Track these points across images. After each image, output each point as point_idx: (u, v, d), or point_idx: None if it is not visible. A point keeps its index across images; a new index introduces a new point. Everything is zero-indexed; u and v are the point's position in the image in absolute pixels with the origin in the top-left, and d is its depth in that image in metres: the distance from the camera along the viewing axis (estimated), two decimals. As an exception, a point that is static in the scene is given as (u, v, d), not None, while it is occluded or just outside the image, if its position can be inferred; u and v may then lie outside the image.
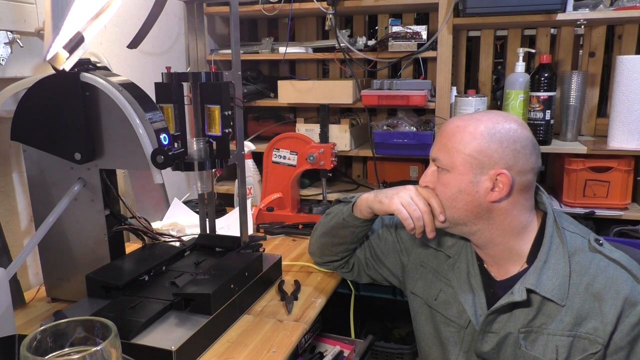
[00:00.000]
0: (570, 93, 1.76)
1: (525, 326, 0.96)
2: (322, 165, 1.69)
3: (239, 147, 1.26)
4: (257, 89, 2.04)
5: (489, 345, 0.99)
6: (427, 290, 1.11)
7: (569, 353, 0.92)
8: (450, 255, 1.08)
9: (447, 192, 0.97)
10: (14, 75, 1.17)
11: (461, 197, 0.96)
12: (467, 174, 0.95)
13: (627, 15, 1.60)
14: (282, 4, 1.83)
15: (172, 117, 1.13)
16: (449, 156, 0.96)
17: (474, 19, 1.68)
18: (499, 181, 0.93)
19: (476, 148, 0.94)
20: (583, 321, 0.92)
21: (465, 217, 0.97)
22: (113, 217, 1.17)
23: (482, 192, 0.94)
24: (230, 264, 1.15)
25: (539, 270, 0.94)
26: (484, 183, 0.94)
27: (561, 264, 0.94)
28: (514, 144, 0.93)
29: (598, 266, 0.94)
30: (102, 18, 1.07)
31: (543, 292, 0.93)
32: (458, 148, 0.95)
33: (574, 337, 0.92)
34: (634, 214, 1.66)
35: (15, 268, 1.00)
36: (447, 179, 0.97)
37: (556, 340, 0.93)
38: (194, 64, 1.26)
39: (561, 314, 0.93)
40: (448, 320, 1.06)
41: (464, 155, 0.94)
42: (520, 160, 0.94)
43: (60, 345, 0.70)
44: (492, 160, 0.93)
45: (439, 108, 1.79)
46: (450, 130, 0.98)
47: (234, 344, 1.02)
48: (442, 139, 0.99)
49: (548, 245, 0.96)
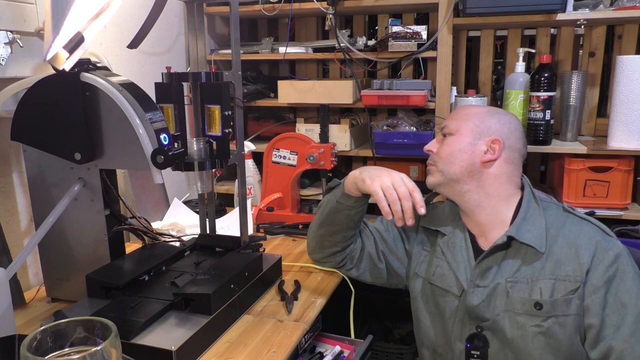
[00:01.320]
0: (570, 93, 1.76)
1: (512, 276, 1.09)
2: (322, 165, 1.69)
3: (239, 147, 1.26)
4: (257, 89, 2.04)
5: (478, 299, 1.10)
6: (426, 269, 1.22)
7: (552, 292, 1.05)
8: (446, 233, 1.21)
9: (449, 149, 1.16)
10: (14, 75, 1.17)
11: (459, 155, 1.14)
12: (468, 136, 1.15)
13: (627, 15, 1.60)
14: (282, 4, 1.83)
15: (172, 117, 1.13)
16: (456, 123, 1.17)
17: (474, 19, 1.68)
18: (492, 147, 1.13)
19: (479, 119, 1.16)
20: (562, 265, 1.06)
21: (460, 174, 1.14)
22: (113, 217, 1.17)
23: (477, 153, 1.13)
24: (230, 264, 1.15)
25: (518, 225, 1.10)
26: (481, 146, 1.14)
27: (538, 219, 1.11)
28: (509, 124, 1.17)
29: (572, 222, 1.11)
30: (102, 18, 1.07)
31: (522, 239, 1.08)
32: (464, 118, 1.18)
33: (555, 279, 1.06)
34: (634, 214, 1.66)
35: (15, 268, 1.00)
36: (451, 140, 1.16)
37: (540, 284, 1.06)
38: (194, 64, 1.27)
39: (542, 260, 1.07)
40: (444, 291, 1.17)
41: (469, 123, 1.16)
42: (512, 137, 1.15)
43: (60, 345, 0.70)
44: (490, 130, 1.15)
45: (439, 108, 1.79)
46: (462, 108, 1.25)
47: (234, 344, 1.02)
48: (453, 113, 1.23)
49: (526, 207, 1.13)
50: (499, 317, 1.08)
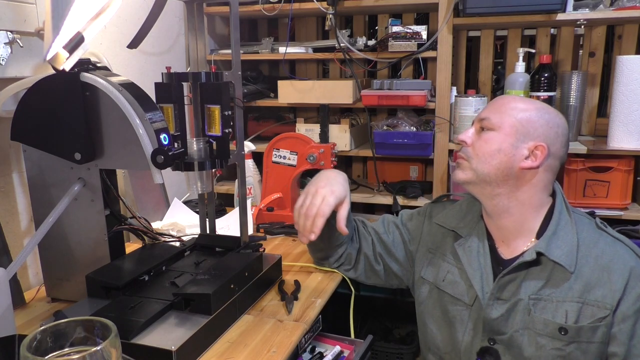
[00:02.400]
0: (570, 93, 1.76)
1: (535, 293, 1.01)
2: (322, 165, 1.69)
3: (239, 147, 1.26)
4: (257, 89, 2.04)
5: (497, 312, 1.03)
6: (435, 274, 1.16)
7: (578, 318, 0.98)
8: (462, 235, 1.13)
9: (487, 147, 1.05)
10: (14, 75, 1.17)
11: (498, 156, 1.03)
12: (511, 136, 1.03)
13: (627, 15, 1.60)
14: (282, 4, 1.83)
15: (172, 117, 1.13)
16: (500, 117, 1.05)
17: (474, 19, 1.68)
18: (536, 152, 1.02)
19: (527, 118, 1.04)
20: (592, 289, 0.98)
21: (494, 176, 1.04)
22: (113, 217, 1.17)
23: (517, 157, 1.03)
24: (230, 264, 1.15)
25: (548, 239, 1.02)
26: (522, 150, 1.03)
27: (569, 235, 1.02)
28: (557, 128, 1.04)
29: (605, 242, 1.02)
30: (102, 18, 1.07)
31: (552, 256, 1.00)
32: (511, 113, 1.05)
33: (582, 303, 0.98)
34: (634, 214, 1.66)
35: (15, 268, 1.00)
36: (491, 136, 1.05)
37: (566, 306, 0.99)
38: (194, 64, 1.26)
39: (570, 281, 0.99)
40: (455, 299, 1.11)
41: (514, 120, 1.04)
42: (558, 143, 1.04)
43: (60, 345, 0.69)
44: (536, 133, 1.03)
45: (439, 108, 1.79)
46: (506, 100, 1.08)
47: (234, 344, 1.02)
48: (496, 105, 1.08)
49: (557, 219, 1.04)
50: (517, 333, 1.02)
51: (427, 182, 1.97)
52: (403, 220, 1.29)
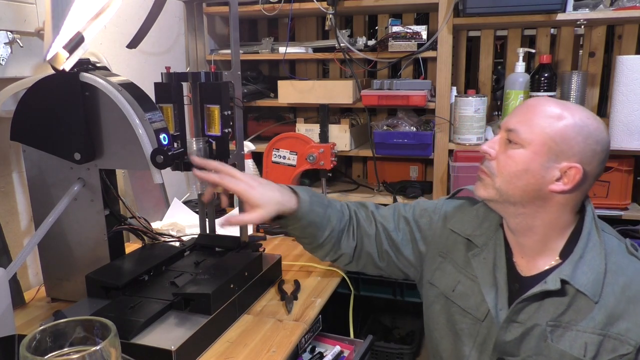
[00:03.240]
0: (570, 93, 1.76)
1: (554, 320, 0.92)
2: (322, 165, 1.69)
3: (239, 147, 1.26)
4: (257, 89, 2.04)
5: (512, 335, 0.95)
6: (444, 282, 1.07)
7: (598, 351, 0.89)
8: (477, 245, 1.04)
9: (513, 167, 0.93)
10: (14, 75, 1.17)
11: (525, 177, 0.92)
12: (541, 155, 0.90)
13: (627, 15, 1.60)
14: (282, 4, 1.83)
15: (172, 117, 1.13)
16: (530, 131, 0.91)
17: (474, 19, 1.68)
18: (569, 174, 0.90)
19: (562, 133, 0.89)
20: (616, 321, 0.89)
21: (519, 197, 0.94)
22: (113, 217, 1.17)
23: (547, 179, 0.91)
24: (230, 264, 1.15)
25: (575, 264, 0.92)
26: (553, 171, 0.90)
27: (597, 260, 0.92)
28: (597, 145, 0.90)
29: (635, 270, 0.92)
30: (102, 18, 1.07)
31: (577, 285, 0.90)
32: (543, 126, 0.90)
33: (604, 336, 0.89)
34: (634, 214, 1.66)
35: (15, 268, 1.00)
36: (518, 155, 0.92)
37: (585, 337, 0.90)
38: (194, 64, 1.27)
39: (593, 311, 0.90)
40: (464, 312, 1.03)
41: (547, 136, 0.90)
42: (595, 162, 0.91)
43: (59, 345, 0.70)
44: (572, 151, 0.89)
45: (439, 108, 1.79)
46: (540, 107, 0.92)
47: (234, 344, 1.02)
48: (527, 113, 0.93)
49: (585, 241, 0.93)
50: (530, 358, 0.95)
51: (427, 182, 1.97)
52: (415, 216, 1.17)
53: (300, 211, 1.08)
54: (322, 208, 1.13)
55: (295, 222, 1.10)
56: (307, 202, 1.09)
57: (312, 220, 1.10)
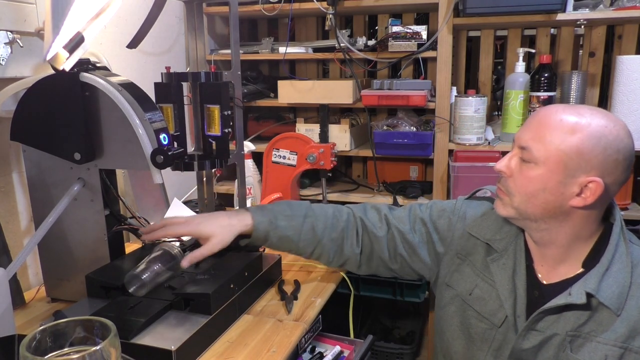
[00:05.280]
0: (570, 93, 1.76)
1: (574, 330, 0.90)
2: (322, 165, 1.69)
3: (239, 147, 1.26)
4: (257, 89, 2.04)
5: (530, 343, 0.93)
6: (462, 284, 1.05)
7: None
8: (497, 250, 1.01)
9: (530, 186, 0.90)
10: (14, 75, 1.17)
11: (543, 196, 0.89)
12: (558, 173, 0.87)
13: (627, 15, 1.60)
14: (282, 4, 1.83)
15: (172, 117, 1.13)
16: (544, 149, 0.87)
17: (474, 19, 1.68)
18: (589, 188, 0.86)
19: (577, 147, 0.85)
20: (638, 335, 0.87)
21: (539, 215, 0.91)
22: (113, 217, 1.17)
23: (567, 195, 0.87)
24: (230, 264, 1.15)
25: (601, 276, 0.89)
26: (572, 187, 0.87)
27: (623, 273, 0.89)
28: (617, 154, 0.85)
29: None
30: (102, 18, 1.07)
31: (602, 299, 0.87)
32: (556, 143, 0.86)
33: (625, 349, 0.87)
34: (634, 214, 1.66)
35: (15, 268, 1.00)
36: (534, 174, 0.89)
37: (606, 350, 0.88)
38: (194, 64, 1.27)
39: (615, 324, 0.88)
40: (481, 317, 1.00)
41: (561, 153, 0.86)
42: (617, 172, 0.86)
43: (59, 345, 0.70)
44: (590, 165, 0.85)
45: (439, 108, 1.79)
46: (552, 120, 0.88)
47: (234, 344, 1.02)
48: (539, 127, 0.89)
49: (612, 252, 0.90)
50: None
51: (427, 182, 1.97)
52: (433, 217, 1.14)
53: (258, 229, 1.12)
54: (294, 221, 1.14)
55: (259, 240, 1.14)
56: (263, 221, 1.12)
57: (282, 235, 1.13)
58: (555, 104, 0.97)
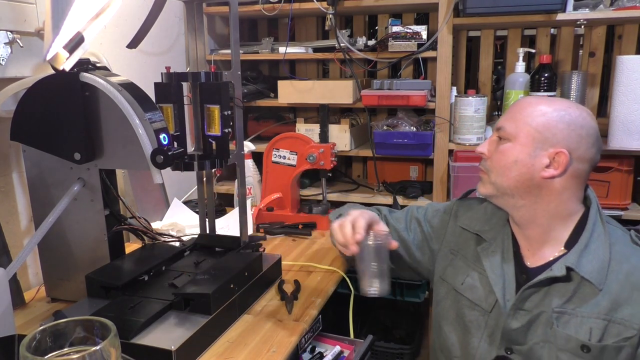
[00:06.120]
0: (570, 93, 1.76)
1: (560, 307, 0.97)
2: (322, 165, 1.69)
3: (239, 147, 1.26)
4: (257, 89, 2.04)
5: (518, 323, 0.99)
6: (455, 277, 1.12)
7: (602, 336, 0.93)
8: (486, 239, 1.09)
9: (503, 160, 1.00)
10: (14, 75, 1.17)
11: (515, 168, 0.98)
12: (527, 145, 0.98)
13: (627, 15, 1.60)
14: (282, 4, 1.83)
15: (172, 117, 1.13)
16: (515, 126, 0.99)
17: (474, 19, 1.68)
18: (556, 160, 0.96)
19: (543, 123, 0.97)
20: (620, 307, 0.93)
21: (515, 188, 1.00)
22: (113, 217, 1.17)
23: (537, 167, 0.97)
24: (230, 264, 1.15)
25: (580, 253, 0.96)
26: (542, 159, 0.97)
27: (601, 249, 0.96)
28: (580, 129, 0.96)
29: (639, 258, 0.97)
30: (102, 18, 1.07)
31: (582, 272, 0.95)
32: (526, 120, 0.98)
33: (609, 321, 0.93)
34: (634, 214, 1.66)
35: (15, 268, 1.00)
36: (507, 148, 1.00)
37: (591, 323, 0.94)
38: (194, 64, 1.26)
39: (597, 297, 0.94)
40: (473, 304, 1.07)
41: (530, 128, 0.97)
42: (582, 146, 0.97)
43: (59, 345, 0.70)
44: (555, 138, 0.96)
45: (439, 108, 1.79)
46: (523, 104, 1.02)
47: (234, 344, 1.02)
48: (512, 111, 1.02)
49: (590, 231, 0.98)
50: (537, 345, 0.98)
51: (427, 182, 1.97)
52: (427, 217, 1.23)
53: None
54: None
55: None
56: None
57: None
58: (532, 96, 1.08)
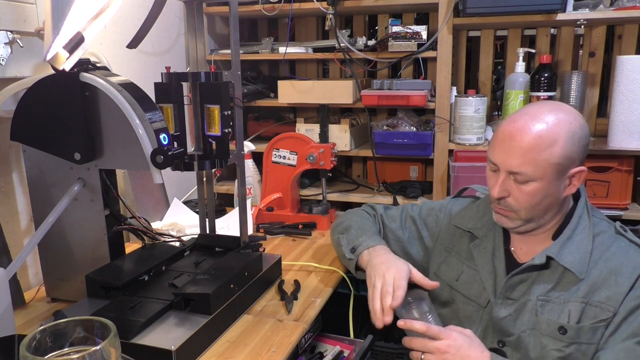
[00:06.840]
0: (570, 93, 1.76)
1: (544, 295, 1.01)
2: (322, 165, 1.69)
3: (239, 147, 1.26)
4: (257, 89, 2.04)
5: (506, 311, 1.04)
6: (449, 273, 1.16)
7: (580, 318, 0.97)
8: (478, 236, 1.13)
9: (534, 200, 0.99)
10: (14, 75, 1.18)
11: (546, 200, 0.99)
12: (555, 178, 0.98)
13: (627, 15, 1.60)
14: (282, 4, 1.83)
15: (172, 117, 1.13)
16: (537, 168, 0.96)
17: (474, 19, 1.68)
18: (577, 177, 1.00)
19: (562, 155, 0.96)
20: (597, 290, 0.97)
21: (543, 213, 1.02)
22: (113, 217, 1.17)
23: (561, 189, 1.00)
24: (230, 264, 1.15)
25: (562, 243, 1.01)
26: (564, 181, 0.99)
27: (584, 241, 1.01)
28: (585, 140, 1.00)
29: (619, 246, 1.01)
30: (102, 18, 1.07)
31: (563, 262, 0.99)
32: (546, 159, 0.96)
33: (586, 303, 0.97)
34: (634, 214, 1.66)
35: (15, 268, 1.00)
36: (534, 188, 0.98)
37: (569, 306, 0.98)
38: (194, 64, 1.26)
39: (578, 284, 0.99)
40: (467, 300, 1.11)
41: (553, 164, 0.96)
42: (586, 151, 1.01)
43: (59, 345, 0.70)
44: (572, 160, 0.98)
45: (439, 108, 1.79)
46: (532, 140, 0.96)
47: (234, 344, 1.02)
48: (525, 152, 0.97)
49: (575, 223, 1.02)
50: (524, 334, 1.02)
51: (427, 182, 1.97)
52: (422, 215, 1.27)
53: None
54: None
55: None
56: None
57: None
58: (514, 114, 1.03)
